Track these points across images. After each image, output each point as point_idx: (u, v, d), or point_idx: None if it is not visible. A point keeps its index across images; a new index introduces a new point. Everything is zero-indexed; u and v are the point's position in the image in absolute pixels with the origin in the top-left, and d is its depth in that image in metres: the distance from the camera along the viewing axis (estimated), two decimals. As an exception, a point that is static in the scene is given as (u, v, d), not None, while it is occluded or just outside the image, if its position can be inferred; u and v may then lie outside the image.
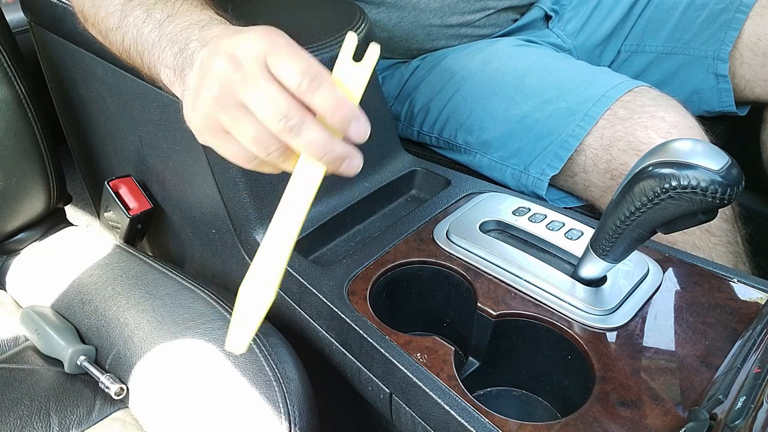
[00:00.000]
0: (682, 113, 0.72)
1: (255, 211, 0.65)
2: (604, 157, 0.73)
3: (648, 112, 0.71)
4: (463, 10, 0.89)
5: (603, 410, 0.48)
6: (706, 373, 0.50)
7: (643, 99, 0.73)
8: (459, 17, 0.90)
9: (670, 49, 0.94)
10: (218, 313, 0.62)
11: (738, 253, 0.73)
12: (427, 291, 0.64)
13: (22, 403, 0.58)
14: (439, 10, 0.89)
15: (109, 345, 0.63)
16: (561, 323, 0.55)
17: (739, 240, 0.75)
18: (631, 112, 0.72)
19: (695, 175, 0.43)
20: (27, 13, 0.81)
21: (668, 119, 0.70)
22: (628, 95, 0.73)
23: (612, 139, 0.72)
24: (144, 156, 0.75)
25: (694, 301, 0.57)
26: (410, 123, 0.93)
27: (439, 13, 0.89)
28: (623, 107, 0.72)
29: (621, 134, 0.72)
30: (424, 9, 0.88)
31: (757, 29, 0.87)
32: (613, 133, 0.72)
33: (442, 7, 0.88)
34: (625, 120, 0.72)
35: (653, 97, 0.73)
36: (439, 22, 0.90)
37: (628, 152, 0.71)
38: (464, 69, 0.85)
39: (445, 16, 0.89)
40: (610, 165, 0.73)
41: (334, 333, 0.60)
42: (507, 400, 0.60)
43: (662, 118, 0.71)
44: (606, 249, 0.52)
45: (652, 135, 0.70)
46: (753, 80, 0.89)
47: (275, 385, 0.56)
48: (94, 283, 0.69)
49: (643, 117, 0.71)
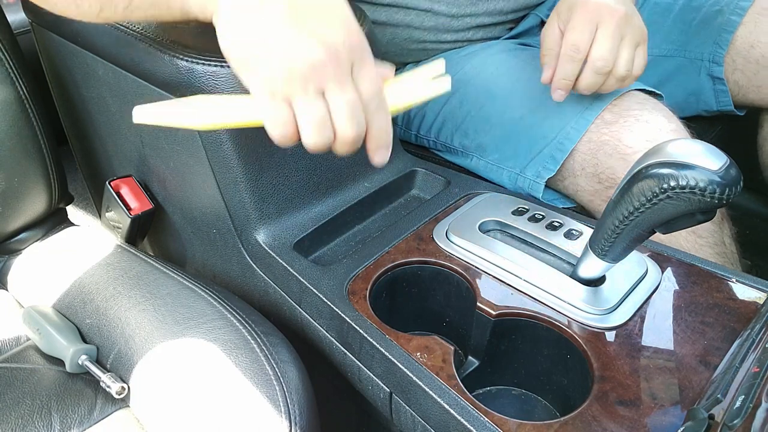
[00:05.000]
0: (668, 116, 0.72)
1: (255, 211, 0.66)
2: (591, 161, 0.73)
3: (633, 116, 0.72)
4: (458, 27, 0.89)
5: (602, 409, 0.48)
6: (704, 373, 0.50)
7: (629, 103, 0.73)
8: (453, 34, 0.90)
9: (666, 51, 0.95)
10: (219, 312, 0.62)
11: (725, 254, 0.73)
12: (426, 291, 0.64)
13: (24, 402, 0.59)
14: (433, 28, 0.89)
15: (111, 344, 0.63)
16: (560, 323, 0.55)
17: (727, 241, 0.75)
18: (617, 116, 0.72)
19: (694, 175, 0.43)
20: (28, 14, 0.81)
21: (653, 123, 0.71)
22: (617, 99, 0.73)
23: (599, 143, 0.72)
24: (145, 156, 0.76)
25: (692, 301, 0.57)
26: (407, 127, 0.94)
27: (433, 31, 0.89)
28: (610, 111, 0.73)
29: (607, 138, 0.72)
30: (417, 27, 0.88)
31: (751, 36, 0.87)
32: (599, 137, 0.72)
33: (436, 26, 0.88)
34: (611, 124, 0.72)
35: (639, 101, 0.73)
36: (433, 38, 0.90)
37: (614, 156, 0.71)
38: (459, 73, 0.86)
39: (440, 33, 0.89)
40: (597, 169, 0.73)
41: (334, 333, 0.60)
42: (506, 400, 0.60)
43: (647, 122, 0.71)
44: (605, 249, 0.52)
45: (636, 139, 0.70)
46: (746, 86, 0.89)
47: (275, 384, 0.56)
48: (95, 283, 0.69)
49: (629, 121, 0.71)
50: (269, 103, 0.46)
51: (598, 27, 0.66)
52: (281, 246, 0.66)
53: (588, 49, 0.67)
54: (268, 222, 0.66)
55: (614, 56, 0.66)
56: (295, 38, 0.44)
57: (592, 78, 0.68)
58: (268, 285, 0.68)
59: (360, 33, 0.46)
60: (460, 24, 0.89)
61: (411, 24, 0.88)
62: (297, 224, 0.67)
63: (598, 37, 0.66)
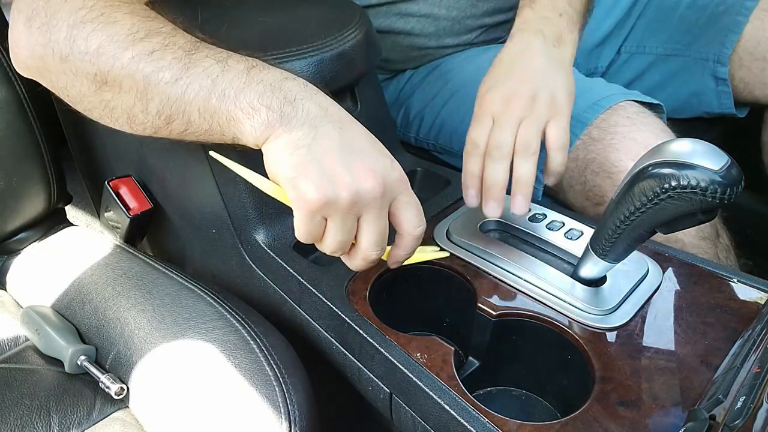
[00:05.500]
0: (656, 132, 0.71)
1: (255, 211, 0.65)
2: (579, 179, 0.73)
3: (620, 133, 0.71)
4: (459, 31, 0.89)
5: (603, 410, 0.48)
6: (705, 373, 0.50)
7: (617, 118, 0.72)
8: (455, 38, 0.90)
9: (670, 50, 0.94)
10: (218, 313, 0.62)
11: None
12: (427, 291, 0.64)
13: (23, 402, 0.58)
14: (434, 34, 0.88)
15: (110, 345, 0.63)
16: (561, 323, 0.55)
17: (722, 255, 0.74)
18: (604, 132, 0.71)
19: (695, 175, 0.43)
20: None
21: (640, 140, 0.70)
22: (604, 114, 0.72)
23: (586, 161, 0.72)
24: (144, 156, 0.75)
25: (693, 301, 0.57)
26: (406, 129, 0.93)
27: (434, 37, 0.89)
28: (597, 127, 0.72)
29: (593, 156, 0.71)
30: (419, 34, 0.88)
31: (757, 33, 0.87)
32: (586, 154, 0.72)
33: (437, 31, 0.88)
34: (597, 141, 0.71)
35: (628, 116, 0.72)
36: (435, 44, 0.90)
37: (600, 175, 0.71)
38: (458, 76, 0.85)
39: (441, 39, 0.89)
40: (585, 186, 0.72)
41: (334, 333, 0.60)
42: (507, 400, 0.60)
43: (634, 140, 0.70)
44: (606, 249, 0.52)
45: (622, 158, 0.69)
46: (752, 83, 0.89)
47: (275, 385, 0.56)
48: (94, 283, 0.69)
49: (616, 138, 0.71)
50: (307, 217, 0.48)
51: (494, 119, 0.61)
52: (281, 246, 0.66)
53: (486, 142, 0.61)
54: (268, 222, 0.66)
55: (508, 141, 0.59)
56: (348, 168, 0.47)
57: (490, 168, 0.60)
58: (268, 285, 0.67)
59: (399, 171, 0.50)
60: (461, 27, 0.88)
61: (412, 31, 0.88)
62: (297, 224, 0.67)
63: (494, 127, 0.60)
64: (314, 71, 0.61)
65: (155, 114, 0.50)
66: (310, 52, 0.62)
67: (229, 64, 0.49)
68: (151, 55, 0.48)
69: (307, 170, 0.46)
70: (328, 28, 0.65)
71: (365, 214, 0.48)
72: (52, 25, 0.50)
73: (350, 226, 0.49)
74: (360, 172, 0.47)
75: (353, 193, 0.46)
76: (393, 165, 0.50)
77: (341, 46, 0.64)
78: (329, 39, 0.64)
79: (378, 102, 0.75)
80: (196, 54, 0.49)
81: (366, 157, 0.48)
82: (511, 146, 0.59)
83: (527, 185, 0.59)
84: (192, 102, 0.48)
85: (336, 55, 0.63)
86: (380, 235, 0.50)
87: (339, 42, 0.64)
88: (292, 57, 0.61)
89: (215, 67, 0.48)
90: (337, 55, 0.63)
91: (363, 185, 0.47)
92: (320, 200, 0.46)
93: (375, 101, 0.74)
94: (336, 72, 0.63)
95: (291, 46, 0.62)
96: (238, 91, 0.48)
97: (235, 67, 0.49)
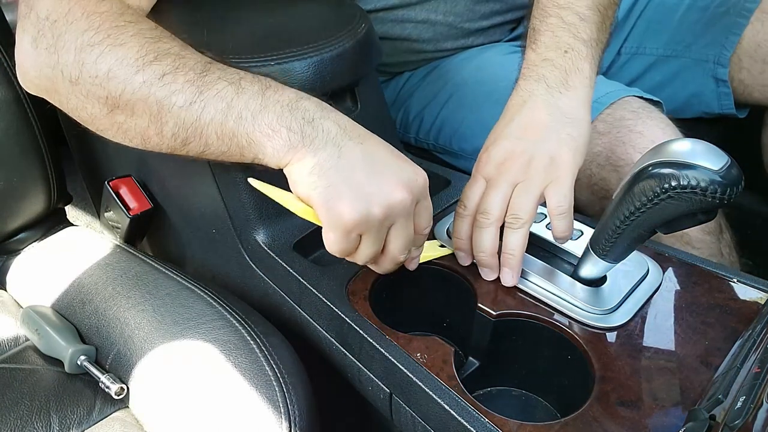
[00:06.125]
0: (662, 126, 0.70)
1: (255, 211, 0.65)
2: (585, 173, 0.72)
3: (627, 127, 0.70)
4: (457, 35, 0.89)
5: (603, 410, 0.48)
6: (705, 373, 0.50)
7: (623, 112, 0.72)
8: (453, 42, 0.90)
9: (670, 51, 0.94)
10: (218, 313, 0.62)
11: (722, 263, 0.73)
12: (427, 291, 0.64)
13: (23, 402, 0.58)
14: (432, 39, 0.88)
15: (110, 345, 0.63)
16: (561, 323, 0.55)
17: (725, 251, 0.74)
18: (610, 126, 0.71)
19: (695, 175, 0.43)
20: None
21: (646, 133, 0.69)
22: (609, 108, 0.72)
23: (591, 154, 0.71)
24: (144, 156, 0.75)
25: (693, 301, 0.57)
26: (406, 130, 0.93)
27: (432, 41, 0.89)
28: (603, 121, 0.71)
29: (599, 149, 0.71)
30: (416, 39, 0.88)
31: (757, 35, 0.87)
32: (592, 148, 0.71)
33: (435, 36, 0.88)
34: (603, 135, 0.71)
35: (633, 110, 0.72)
36: (432, 48, 0.90)
37: (606, 168, 0.70)
38: (457, 76, 0.85)
39: (439, 43, 0.89)
40: (590, 180, 0.72)
41: (334, 333, 0.60)
42: (507, 400, 0.60)
43: (640, 133, 0.70)
44: (606, 249, 0.52)
45: (629, 151, 0.69)
46: (752, 85, 0.89)
47: (275, 385, 0.56)
48: (94, 283, 0.69)
49: (622, 132, 0.70)
50: (343, 236, 0.48)
51: (487, 182, 0.58)
52: (281, 246, 0.66)
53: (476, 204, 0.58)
54: (268, 222, 0.66)
55: (495, 207, 0.56)
56: (377, 184, 0.48)
57: (476, 233, 0.58)
58: (268, 285, 0.67)
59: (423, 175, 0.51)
60: (458, 32, 0.88)
61: (409, 37, 0.88)
62: (296, 224, 0.67)
63: (485, 191, 0.58)
64: (314, 71, 0.61)
65: (170, 137, 0.50)
66: (310, 52, 0.62)
67: (243, 86, 0.48)
68: (163, 78, 0.48)
69: (339, 191, 0.47)
70: (328, 29, 0.66)
71: (396, 223, 0.50)
72: (59, 47, 0.49)
73: (383, 237, 0.51)
74: (389, 186, 0.48)
75: (386, 207, 0.48)
76: (416, 171, 0.51)
77: (341, 46, 0.64)
78: (329, 39, 0.64)
79: (378, 102, 0.75)
80: (208, 76, 0.48)
81: (391, 169, 0.49)
82: (498, 213, 0.56)
83: (515, 258, 0.56)
84: (208, 125, 0.48)
85: (336, 55, 0.63)
86: (409, 239, 0.52)
87: (339, 42, 0.64)
88: (293, 57, 0.61)
89: (229, 90, 0.48)
90: (337, 56, 0.63)
91: (394, 198, 0.48)
92: (356, 220, 0.47)
93: (375, 102, 0.74)
94: (336, 72, 0.63)
95: (291, 46, 0.62)
96: (255, 113, 0.48)
97: (249, 89, 0.48)
